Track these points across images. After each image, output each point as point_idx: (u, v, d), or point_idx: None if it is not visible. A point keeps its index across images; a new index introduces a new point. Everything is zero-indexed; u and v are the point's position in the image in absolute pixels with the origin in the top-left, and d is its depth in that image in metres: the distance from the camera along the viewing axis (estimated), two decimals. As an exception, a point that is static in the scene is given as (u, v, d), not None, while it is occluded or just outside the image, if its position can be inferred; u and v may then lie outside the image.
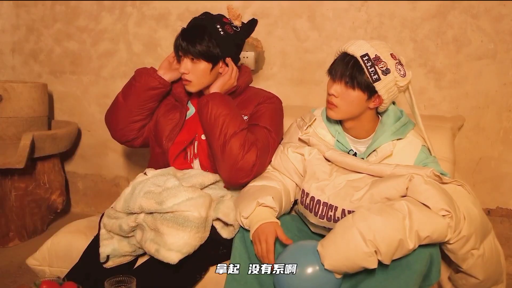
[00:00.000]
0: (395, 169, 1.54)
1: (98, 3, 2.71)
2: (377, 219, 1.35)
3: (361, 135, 1.70)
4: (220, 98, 1.75)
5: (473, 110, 2.32)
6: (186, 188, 1.61)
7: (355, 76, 1.57)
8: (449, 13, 2.28)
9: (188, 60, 1.82)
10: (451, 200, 1.44)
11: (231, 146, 1.68)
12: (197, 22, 1.87)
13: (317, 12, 2.44)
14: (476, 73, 2.29)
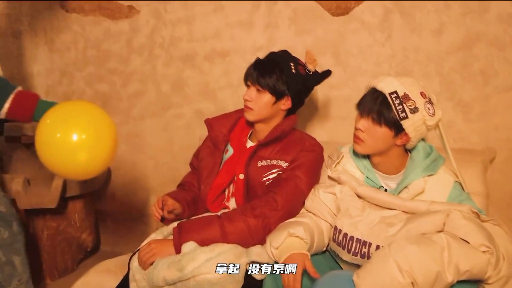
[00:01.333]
0: (431, 205, 1.52)
1: (128, 46, 2.76)
2: (415, 249, 1.32)
3: (391, 171, 1.69)
4: (184, 235, 1.67)
5: (505, 143, 2.25)
6: (203, 249, 1.59)
7: (382, 113, 1.57)
8: (474, 46, 2.23)
9: (254, 89, 1.84)
10: (491, 237, 1.40)
11: (240, 241, 1.66)
12: (273, 56, 1.90)
13: (341, 49, 2.43)
14: (505, 105, 2.23)
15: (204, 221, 1.70)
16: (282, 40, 2.51)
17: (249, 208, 1.73)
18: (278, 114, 1.89)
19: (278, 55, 1.91)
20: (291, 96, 1.86)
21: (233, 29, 2.60)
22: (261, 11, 2.53)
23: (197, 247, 1.60)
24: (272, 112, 1.86)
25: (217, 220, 1.69)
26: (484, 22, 2.22)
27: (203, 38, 2.65)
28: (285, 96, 1.85)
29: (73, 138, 1.57)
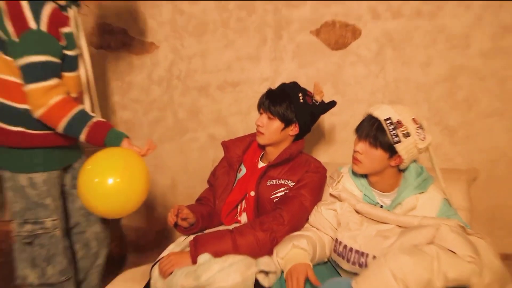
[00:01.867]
0: (422, 220, 1.57)
1: (148, 78, 2.80)
2: (408, 260, 1.36)
3: (386, 189, 1.73)
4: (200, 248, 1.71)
5: (486, 163, 2.34)
6: (216, 260, 1.61)
7: (378, 137, 1.62)
8: (458, 77, 2.34)
9: (265, 116, 1.90)
10: (476, 248, 1.45)
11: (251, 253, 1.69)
12: (284, 87, 1.96)
13: (339, 79, 2.50)
14: (486, 129, 2.33)
15: (218, 235, 1.72)
16: (287, 72, 2.57)
17: (258, 223, 1.76)
18: (286, 139, 1.94)
19: (288, 86, 1.96)
20: (299, 123, 1.91)
21: (243, 62, 2.64)
22: (268, 46, 2.58)
23: (211, 258, 1.63)
24: (281, 137, 1.91)
25: (229, 234, 1.71)
26: (466, 56, 2.32)
27: (216, 70, 2.68)
28: (293, 123, 1.90)
29: (109, 182, 1.65)
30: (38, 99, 1.71)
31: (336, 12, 2.47)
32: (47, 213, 1.89)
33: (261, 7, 2.57)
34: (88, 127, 1.78)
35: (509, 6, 2.22)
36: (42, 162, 1.87)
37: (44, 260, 1.92)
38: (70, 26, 1.84)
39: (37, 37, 1.68)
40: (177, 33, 2.72)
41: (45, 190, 1.88)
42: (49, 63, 1.71)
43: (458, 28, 2.31)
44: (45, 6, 1.69)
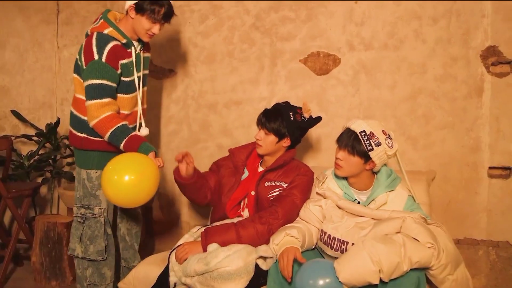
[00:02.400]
0: (391, 214, 1.62)
1: (168, 97, 2.86)
2: (382, 247, 1.43)
3: (362, 188, 1.77)
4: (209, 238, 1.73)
5: (442, 166, 2.38)
6: (223, 248, 1.65)
7: (355, 146, 1.67)
8: (418, 97, 2.41)
9: (262, 131, 1.92)
10: (434, 236, 1.51)
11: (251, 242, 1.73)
12: (277, 106, 1.98)
13: (323, 98, 2.57)
14: (441, 139, 2.38)
15: (224, 228, 1.76)
16: (280, 93, 2.63)
17: (257, 217, 1.79)
18: (280, 149, 1.96)
19: (281, 106, 1.98)
20: (290, 137, 1.93)
21: (245, 85, 2.70)
22: (265, 72, 2.66)
23: (219, 247, 1.67)
24: (276, 148, 1.94)
25: (233, 227, 1.75)
26: (424, 80, 2.39)
27: (223, 91, 2.74)
28: (286, 137, 1.92)
29: (125, 178, 1.72)
30: (93, 112, 1.89)
31: (320, 45, 2.56)
32: (96, 202, 2.04)
33: (260, 41, 2.66)
34: (126, 139, 1.89)
35: (456, 41, 2.33)
36: (96, 162, 2.02)
37: (88, 239, 2.03)
38: (128, 58, 1.99)
39: (97, 66, 1.89)
40: (191, 62, 2.81)
41: (97, 184, 2.03)
42: (104, 86, 1.90)
43: (417, 58, 2.39)
44: (109, 43, 1.91)
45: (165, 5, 1.92)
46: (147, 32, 1.95)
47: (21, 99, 3.10)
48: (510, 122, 2.29)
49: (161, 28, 1.99)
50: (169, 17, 1.97)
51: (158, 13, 1.91)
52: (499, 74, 2.29)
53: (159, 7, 1.90)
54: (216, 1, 2.76)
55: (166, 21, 1.98)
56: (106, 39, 1.92)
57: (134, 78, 2.04)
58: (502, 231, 2.33)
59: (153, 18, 1.91)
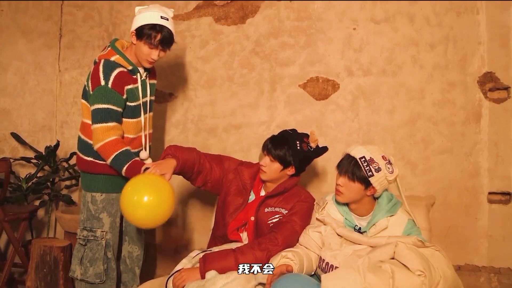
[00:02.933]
0: (388, 240, 1.60)
1: (168, 121, 2.88)
2: (371, 276, 1.42)
3: (363, 214, 1.76)
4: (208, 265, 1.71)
5: (441, 191, 2.38)
6: (221, 276, 1.62)
7: (355, 173, 1.67)
8: (416, 122, 2.42)
9: (268, 158, 1.91)
10: (426, 263, 1.47)
11: None
12: (284, 134, 1.96)
13: (322, 123, 2.58)
14: (440, 163, 2.38)
15: (223, 254, 1.73)
16: (280, 117, 2.64)
17: (256, 243, 1.77)
18: (283, 177, 1.94)
19: (288, 133, 1.95)
20: (295, 165, 1.91)
21: (244, 109, 2.72)
22: (265, 97, 2.68)
23: (217, 274, 1.64)
24: (280, 176, 1.93)
25: (232, 253, 1.73)
26: (422, 105, 2.40)
27: (222, 115, 2.76)
28: (291, 165, 1.90)
29: (144, 199, 1.70)
30: (98, 136, 1.92)
31: (319, 70, 2.59)
32: (99, 225, 2.05)
33: (259, 66, 2.70)
34: (129, 164, 1.92)
35: (453, 67, 2.37)
36: (101, 185, 2.05)
37: (88, 261, 2.04)
38: (134, 84, 2.03)
39: (104, 91, 1.94)
40: (191, 86, 2.83)
41: (101, 207, 2.05)
42: (110, 110, 1.94)
43: (415, 84, 2.42)
44: (115, 69, 1.97)
45: (163, 31, 1.95)
46: (147, 58, 1.99)
47: (21, 122, 3.11)
48: (508, 147, 2.30)
49: (161, 55, 2.02)
50: (167, 43, 1.99)
51: (155, 39, 1.94)
52: (497, 100, 2.32)
53: (156, 32, 1.94)
54: (217, 27, 2.80)
55: (164, 47, 2.00)
56: (112, 65, 1.97)
57: (140, 103, 2.08)
58: (503, 257, 2.32)
59: (149, 43, 1.94)
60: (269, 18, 2.70)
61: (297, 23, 2.65)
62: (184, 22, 2.87)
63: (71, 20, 3.16)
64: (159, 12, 1.96)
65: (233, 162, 2.10)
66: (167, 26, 1.97)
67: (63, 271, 2.46)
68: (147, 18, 1.94)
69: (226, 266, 1.69)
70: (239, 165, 2.07)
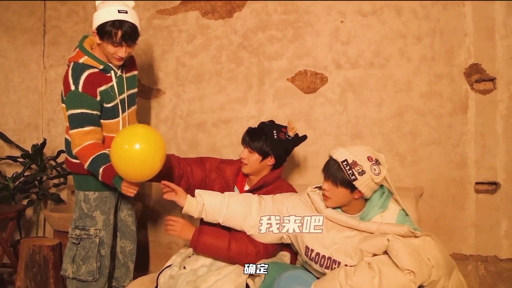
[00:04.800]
0: (380, 226, 1.56)
1: (156, 117, 2.86)
2: (355, 278, 1.43)
3: (353, 212, 1.72)
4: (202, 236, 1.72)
5: (429, 182, 2.40)
6: (213, 272, 1.64)
7: (337, 177, 1.61)
8: (404, 114, 2.44)
9: (246, 150, 1.91)
10: (417, 260, 1.44)
11: (236, 257, 1.71)
12: (261, 125, 1.97)
13: (311, 117, 2.59)
14: (428, 155, 2.41)
15: (219, 233, 1.74)
16: (268, 111, 2.64)
17: (251, 238, 1.76)
18: (265, 168, 1.93)
19: (265, 125, 1.96)
20: (274, 155, 1.90)
21: (233, 104, 2.71)
22: (253, 91, 2.68)
23: (209, 270, 1.66)
24: (261, 167, 1.92)
25: (228, 235, 1.73)
26: (410, 98, 2.42)
27: (211, 110, 2.75)
28: (270, 155, 1.90)
29: (136, 147, 1.64)
30: (76, 141, 1.90)
31: (307, 63, 2.59)
32: (92, 223, 2.03)
33: (247, 60, 2.69)
34: (105, 166, 1.87)
35: (440, 59, 2.39)
36: (93, 184, 2.03)
37: (81, 259, 2.02)
38: (108, 83, 1.97)
39: (75, 96, 1.89)
40: (179, 81, 2.81)
41: (94, 205, 2.03)
42: (84, 114, 1.90)
43: (402, 76, 2.44)
44: (84, 72, 1.91)
45: (123, 27, 1.85)
46: (114, 56, 1.92)
47: (6, 120, 3.06)
48: (494, 138, 2.34)
49: (129, 50, 1.93)
50: (130, 38, 1.89)
51: (116, 36, 1.85)
52: (483, 91, 2.35)
53: (116, 29, 1.84)
54: (204, 21, 2.78)
55: (129, 43, 1.90)
56: (81, 68, 1.91)
57: (117, 102, 2.03)
58: (490, 246, 2.36)
59: (112, 42, 1.86)
60: (256, 12, 2.69)
61: (284, 17, 2.64)
62: (170, 17, 2.84)
63: (55, 16, 3.11)
64: (115, 6, 1.85)
65: (214, 161, 2.08)
66: (128, 20, 1.85)
67: (53, 270, 2.44)
68: (104, 15, 1.85)
69: (218, 246, 1.71)
70: (220, 163, 2.06)
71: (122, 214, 2.21)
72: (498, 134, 2.33)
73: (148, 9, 2.85)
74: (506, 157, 2.34)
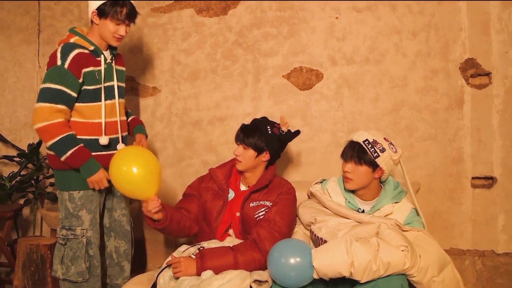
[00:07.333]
0: (371, 218, 1.65)
1: (152, 115, 2.85)
2: (358, 244, 1.49)
3: (368, 198, 1.80)
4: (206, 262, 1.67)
5: (426, 177, 2.41)
6: (217, 276, 1.61)
7: (361, 156, 1.71)
8: (400, 110, 2.44)
9: (241, 147, 1.91)
10: (407, 240, 1.54)
11: (245, 268, 1.68)
12: (255, 121, 1.98)
13: (307, 113, 2.58)
14: (424, 150, 2.41)
15: (221, 252, 1.70)
16: (264, 108, 2.64)
17: (253, 243, 1.75)
18: (260, 164, 1.93)
19: (258, 121, 1.97)
20: (269, 150, 1.91)
21: (228, 101, 2.71)
22: (249, 88, 2.67)
23: (213, 275, 1.61)
24: (256, 163, 1.91)
25: (231, 252, 1.69)
26: (406, 93, 2.42)
27: (207, 108, 2.75)
28: (264, 151, 1.90)
29: (134, 170, 1.67)
30: (45, 115, 1.85)
31: (303, 60, 2.59)
32: (78, 223, 2.00)
33: (243, 57, 2.68)
34: (74, 150, 1.87)
35: (435, 54, 2.39)
36: (74, 182, 1.99)
37: (69, 260, 2.00)
38: (96, 66, 1.97)
39: (59, 71, 1.87)
40: (175, 79, 2.80)
41: (80, 205, 2.00)
42: (63, 92, 1.87)
43: (398, 72, 2.43)
44: (73, 50, 1.90)
45: (127, 4, 1.93)
46: (114, 35, 1.96)
47: (2, 120, 3.05)
48: (490, 132, 2.34)
49: (127, 30, 1.99)
50: (132, 16, 1.98)
51: (121, 13, 1.92)
52: (478, 86, 2.35)
53: (121, 7, 1.92)
54: (199, 19, 2.77)
55: (130, 21, 1.99)
56: (71, 46, 1.92)
57: (101, 87, 2.00)
58: (487, 240, 2.36)
59: (116, 19, 1.92)
60: (251, 9, 2.68)
61: (279, 13, 2.64)
62: (165, 14, 2.82)
63: (50, 15, 3.09)
64: None
65: (198, 179, 2.08)
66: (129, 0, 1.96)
67: (50, 269, 2.43)
68: None
69: (224, 264, 1.67)
70: (209, 170, 2.04)
71: (116, 214, 2.19)
72: (494, 129, 2.33)
73: (143, 7, 2.83)
74: (502, 152, 2.34)
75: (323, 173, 2.47)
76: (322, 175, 2.06)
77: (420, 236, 1.63)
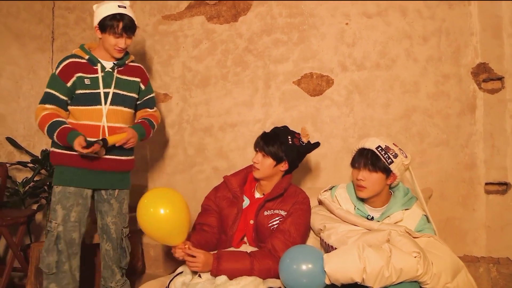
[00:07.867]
0: (380, 225, 1.64)
1: (163, 122, 2.85)
2: (371, 250, 1.47)
3: (378, 205, 1.78)
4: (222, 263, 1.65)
5: (438, 183, 2.38)
6: (231, 282, 1.59)
7: (375, 163, 1.70)
8: (412, 115, 2.41)
9: (260, 154, 1.90)
10: (419, 246, 1.52)
11: (259, 275, 1.66)
12: (276, 130, 1.96)
13: (318, 119, 2.58)
14: (436, 156, 2.38)
15: (239, 257, 1.68)
16: (275, 115, 2.64)
17: (270, 252, 1.74)
18: (277, 173, 1.92)
19: (279, 130, 1.95)
20: (288, 161, 1.89)
21: (239, 108, 2.73)
22: (259, 94, 2.68)
23: (227, 280, 1.61)
24: (273, 172, 1.90)
25: (248, 257, 1.68)
26: (417, 98, 2.40)
27: (218, 114, 2.77)
28: (284, 160, 1.89)
29: (161, 211, 1.60)
30: (37, 112, 2.08)
31: (313, 66, 2.58)
32: (54, 216, 2.09)
33: (253, 63, 2.69)
34: (59, 130, 2.02)
35: (446, 59, 2.37)
36: (57, 177, 2.12)
37: (45, 250, 2.08)
38: (92, 74, 2.11)
39: (51, 77, 2.12)
40: (186, 86, 2.83)
41: (57, 199, 2.09)
42: (51, 94, 2.09)
43: (409, 77, 2.41)
44: (67, 60, 2.11)
45: (124, 19, 2.07)
46: (115, 47, 2.11)
47: (16, 126, 3.10)
48: (503, 137, 2.30)
49: (128, 42, 2.13)
50: (130, 30, 2.11)
51: (118, 28, 2.06)
52: (491, 90, 2.32)
53: (117, 21, 2.06)
54: (209, 26, 2.80)
55: (129, 34, 2.12)
56: (67, 57, 2.13)
57: (93, 92, 2.12)
58: (502, 247, 2.32)
59: (114, 33, 2.07)
60: (261, 16, 2.70)
61: (289, 20, 2.64)
62: (176, 22, 2.86)
63: (63, 23, 3.15)
64: (115, 2, 2.09)
65: (214, 189, 2.05)
66: (127, 14, 2.09)
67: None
68: (105, 10, 2.07)
69: (240, 269, 1.65)
70: (224, 178, 2.02)
71: (108, 219, 2.22)
72: (508, 134, 2.30)
73: (154, 14, 2.87)
74: (516, 157, 2.29)
75: (334, 178, 2.46)
76: (333, 181, 2.06)
77: (431, 242, 1.61)
